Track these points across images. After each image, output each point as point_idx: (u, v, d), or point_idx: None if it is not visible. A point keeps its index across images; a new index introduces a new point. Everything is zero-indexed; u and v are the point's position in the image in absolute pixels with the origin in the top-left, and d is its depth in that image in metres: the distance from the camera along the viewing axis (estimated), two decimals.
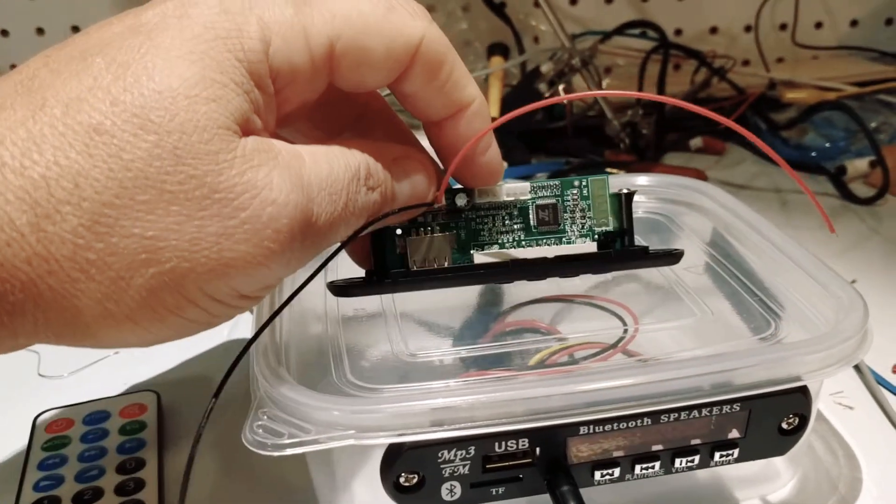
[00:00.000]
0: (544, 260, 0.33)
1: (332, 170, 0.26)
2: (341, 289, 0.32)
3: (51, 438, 0.38)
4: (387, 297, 0.36)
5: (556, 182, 0.33)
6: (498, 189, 0.33)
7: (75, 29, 0.88)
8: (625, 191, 0.33)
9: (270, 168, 0.24)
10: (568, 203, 0.33)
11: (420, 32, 0.28)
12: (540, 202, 0.33)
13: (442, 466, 0.28)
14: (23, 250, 0.22)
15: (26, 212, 0.22)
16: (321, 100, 0.29)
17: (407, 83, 0.29)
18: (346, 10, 0.27)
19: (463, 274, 0.33)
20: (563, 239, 0.34)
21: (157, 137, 0.23)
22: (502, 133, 0.67)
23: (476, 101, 0.30)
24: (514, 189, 0.33)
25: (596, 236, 0.33)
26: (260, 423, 0.27)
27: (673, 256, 0.34)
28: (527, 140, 0.73)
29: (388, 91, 0.31)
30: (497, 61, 0.74)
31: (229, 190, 0.23)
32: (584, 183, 0.33)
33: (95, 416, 0.40)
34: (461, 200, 0.32)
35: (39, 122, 0.22)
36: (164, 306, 0.24)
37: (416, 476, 0.28)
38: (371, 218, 0.28)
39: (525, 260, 0.33)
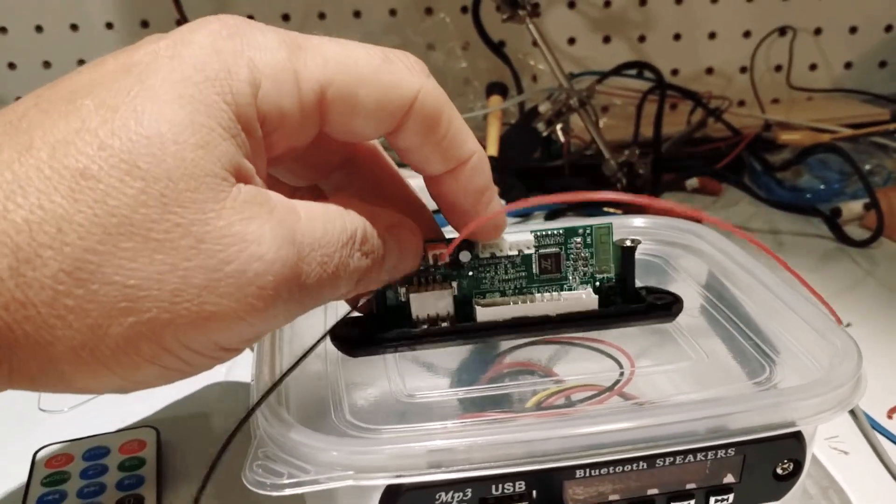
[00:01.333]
0: (547, 318, 0.34)
1: (327, 231, 0.26)
2: (345, 346, 0.33)
3: (50, 474, 0.38)
4: None
5: (560, 230, 0.34)
6: (502, 243, 0.33)
7: (73, 28, 0.89)
8: (628, 242, 0.34)
9: (263, 222, 0.24)
10: (571, 251, 0.34)
11: (416, 87, 0.28)
12: (543, 251, 0.34)
13: None
14: (0, 295, 0.22)
15: (7, 256, 0.22)
16: (312, 141, 0.29)
17: (402, 137, 0.29)
18: (340, 56, 0.27)
19: (467, 333, 0.34)
20: (565, 286, 0.35)
21: (144, 184, 0.22)
22: (500, 171, 0.68)
23: (475, 157, 0.30)
24: (517, 243, 0.33)
25: (597, 283, 0.34)
26: (259, 462, 0.28)
27: (671, 315, 0.35)
28: (524, 178, 0.74)
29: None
30: (496, 100, 0.75)
31: (216, 241, 0.23)
32: (587, 231, 0.34)
33: (95, 451, 0.40)
34: (465, 258, 0.33)
35: (25, 164, 0.22)
36: (141, 355, 0.23)
37: None
38: (360, 280, 0.28)
39: (528, 318, 0.34)
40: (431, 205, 0.34)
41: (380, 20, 0.88)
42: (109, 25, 0.90)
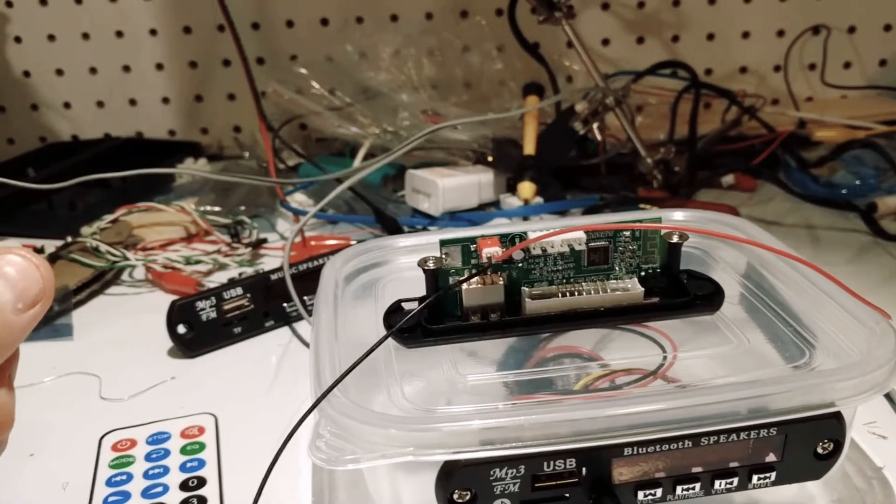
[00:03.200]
0: (596, 311, 0.36)
1: None
2: (405, 339, 0.36)
3: (117, 457, 0.40)
4: None
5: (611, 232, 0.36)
6: (555, 240, 0.35)
7: (119, 34, 0.92)
8: (675, 238, 0.35)
9: None
10: (619, 244, 0.36)
11: None
12: (592, 245, 0.35)
13: (493, 484, 0.30)
14: None
15: None
16: None
17: None
18: None
19: (517, 326, 0.36)
20: (611, 276, 0.36)
21: None
22: (537, 170, 0.70)
23: None
24: (570, 238, 0.35)
25: (642, 273, 0.35)
26: (323, 439, 0.29)
27: (713, 306, 0.37)
28: (561, 177, 0.75)
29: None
30: (532, 100, 0.77)
31: None
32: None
33: (157, 436, 0.42)
34: (518, 255, 0.35)
35: None
36: None
37: (468, 493, 0.30)
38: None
39: (576, 312, 0.36)
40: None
41: (416, 23, 0.90)
42: (153, 32, 0.93)
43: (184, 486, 0.38)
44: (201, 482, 0.38)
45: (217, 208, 0.73)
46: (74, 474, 0.40)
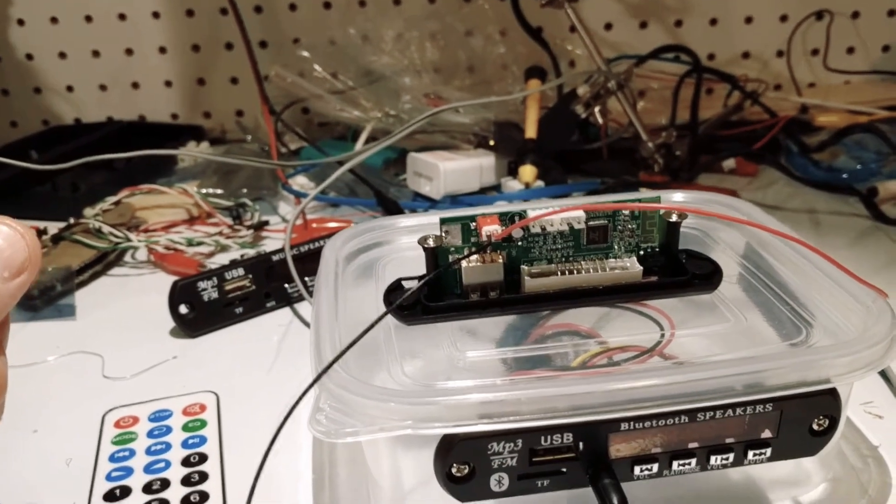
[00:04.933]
0: (594, 289, 0.36)
1: None
2: (402, 317, 0.36)
3: (119, 434, 0.41)
4: None
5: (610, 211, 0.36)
6: (553, 219, 0.35)
7: (121, 17, 0.92)
8: (674, 217, 0.36)
9: None
10: (619, 223, 0.36)
11: None
12: (592, 224, 0.36)
13: (492, 458, 0.30)
14: None
15: None
16: None
17: None
18: None
19: (516, 303, 0.36)
20: (610, 254, 0.36)
21: None
22: (539, 154, 0.70)
23: None
24: (569, 217, 0.35)
25: (641, 252, 0.36)
26: (323, 413, 0.30)
27: (712, 285, 0.37)
28: (563, 161, 0.75)
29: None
30: (534, 84, 0.77)
31: None
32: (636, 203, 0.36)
33: (159, 414, 0.42)
34: (517, 234, 0.35)
35: None
36: None
37: (467, 467, 0.30)
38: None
39: (575, 290, 0.36)
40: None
41: (420, 6, 0.90)
42: (156, 15, 0.93)
43: (185, 461, 0.39)
44: (202, 458, 0.39)
45: (219, 191, 0.74)
46: (78, 450, 0.41)
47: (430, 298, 0.37)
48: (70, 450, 0.41)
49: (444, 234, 0.37)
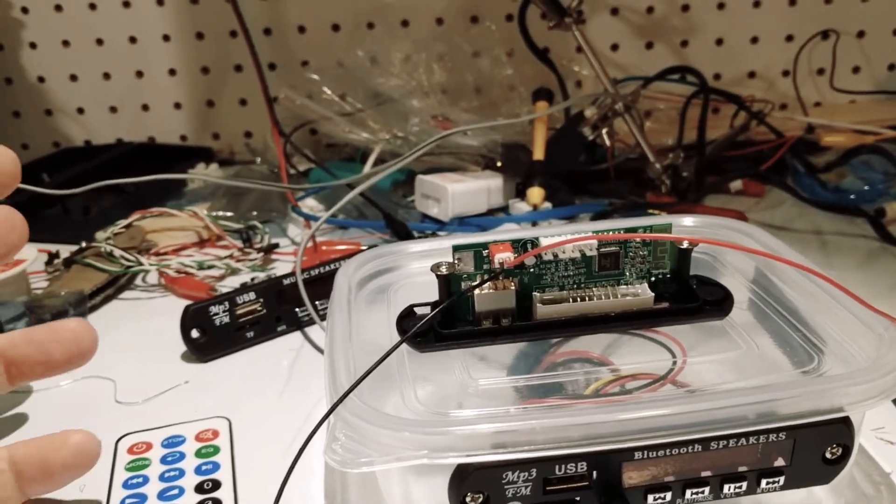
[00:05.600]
0: (606, 316, 0.36)
1: None
2: (418, 344, 0.36)
3: (133, 460, 0.41)
4: None
5: (621, 230, 0.36)
6: (566, 246, 0.35)
7: (132, 40, 0.93)
8: (685, 244, 0.36)
9: None
10: (630, 249, 0.36)
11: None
12: (603, 250, 0.36)
13: (506, 487, 0.30)
14: None
15: None
16: None
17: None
18: None
19: (528, 331, 0.37)
20: (622, 281, 0.37)
21: None
22: (546, 175, 0.70)
23: None
24: (581, 244, 0.35)
25: (652, 278, 0.36)
26: (338, 442, 0.30)
27: (723, 312, 0.37)
28: (570, 182, 0.76)
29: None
30: (542, 106, 0.77)
31: None
32: (647, 231, 0.36)
33: (173, 440, 0.43)
34: (529, 261, 0.35)
35: None
36: None
37: (480, 496, 0.30)
38: None
39: (587, 317, 0.36)
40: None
41: (427, 28, 0.91)
42: (166, 38, 0.94)
43: (199, 488, 0.39)
44: (216, 485, 0.39)
45: (229, 213, 0.74)
46: (91, 476, 0.40)
47: (442, 325, 0.37)
48: (84, 476, 0.41)
49: (456, 262, 0.37)
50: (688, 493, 0.32)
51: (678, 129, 0.80)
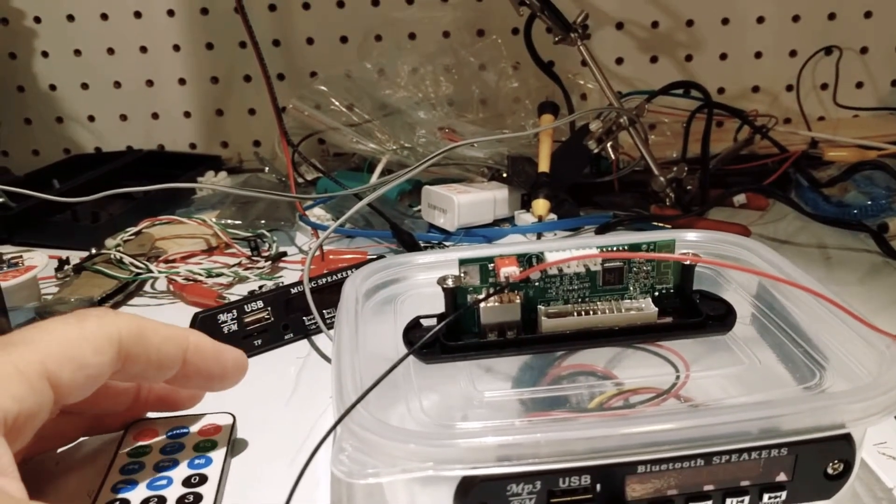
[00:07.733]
0: (610, 330, 0.37)
1: None
2: (424, 355, 0.37)
3: (136, 446, 0.41)
4: None
5: (625, 246, 0.36)
6: (571, 263, 0.36)
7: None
8: (689, 262, 0.36)
9: None
10: (634, 264, 0.37)
11: (115, 327, 0.33)
12: (608, 266, 0.36)
13: (510, 499, 0.31)
14: None
15: None
16: None
17: (129, 373, 0.35)
18: (40, 335, 0.32)
19: (533, 344, 0.37)
20: (626, 295, 0.37)
21: None
22: (552, 188, 0.71)
23: (191, 339, 0.37)
24: (585, 261, 0.36)
25: (656, 293, 0.36)
26: (345, 453, 0.30)
27: (726, 327, 0.38)
28: (575, 194, 0.76)
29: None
30: (547, 118, 0.78)
31: None
32: (651, 247, 0.37)
33: (177, 430, 0.43)
34: (535, 275, 0.36)
35: None
36: None
37: None
38: None
39: (591, 331, 0.37)
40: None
41: (434, 41, 0.92)
42: (176, 47, 0.94)
43: (186, 481, 0.39)
44: (203, 479, 0.39)
45: (237, 221, 0.75)
46: (96, 451, 0.42)
47: (448, 337, 0.37)
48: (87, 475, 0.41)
49: (462, 275, 0.38)
50: None
51: (682, 142, 0.80)
